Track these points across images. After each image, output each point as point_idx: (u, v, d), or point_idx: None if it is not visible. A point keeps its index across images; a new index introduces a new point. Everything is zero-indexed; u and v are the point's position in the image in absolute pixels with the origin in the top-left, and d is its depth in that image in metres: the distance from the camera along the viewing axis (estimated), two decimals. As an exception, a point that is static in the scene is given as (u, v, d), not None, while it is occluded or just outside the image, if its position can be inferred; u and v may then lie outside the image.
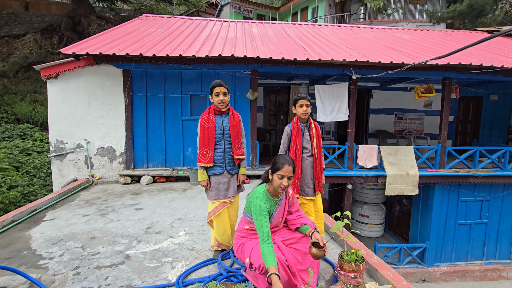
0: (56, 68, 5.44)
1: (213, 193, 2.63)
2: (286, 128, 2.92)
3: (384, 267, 2.38)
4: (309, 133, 2.86)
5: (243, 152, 2.72)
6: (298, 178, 2.76)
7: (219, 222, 2.63)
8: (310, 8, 18.71)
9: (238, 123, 2.71)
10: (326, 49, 6.23)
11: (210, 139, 2.57)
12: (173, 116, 6.00)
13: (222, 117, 2.66)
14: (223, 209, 2.63)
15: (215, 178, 2.63)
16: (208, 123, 2.58)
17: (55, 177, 5.75)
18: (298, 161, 2.77)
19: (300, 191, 2.83)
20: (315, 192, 2.88)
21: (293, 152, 2.79)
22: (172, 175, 5.75)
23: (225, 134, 2.64)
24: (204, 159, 2.57)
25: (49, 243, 3.05)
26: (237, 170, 2.73)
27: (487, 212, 6.93)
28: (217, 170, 2.62)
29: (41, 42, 13.03)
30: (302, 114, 2.77)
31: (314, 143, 2.84)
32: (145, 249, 2.90)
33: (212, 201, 2.64)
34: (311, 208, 2.90)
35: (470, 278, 6.92)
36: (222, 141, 2.63)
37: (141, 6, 16.33)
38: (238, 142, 2.68)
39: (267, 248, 1.89)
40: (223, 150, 2.63)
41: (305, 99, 2.75)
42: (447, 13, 13.97)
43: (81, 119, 5.72)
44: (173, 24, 7.86)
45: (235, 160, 2.67)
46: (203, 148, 2.58)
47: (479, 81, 8.05)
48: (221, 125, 2.63)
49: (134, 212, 4.00)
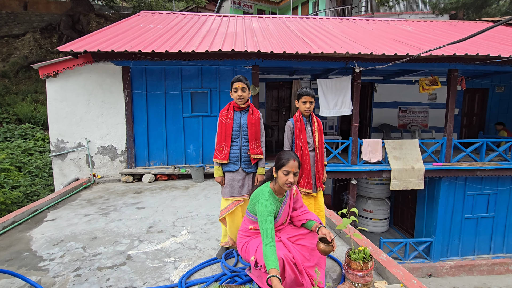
0: (54, 67, 5.37)
1: (227, 190, 2.59)
2: (288, 123, 2.83)
3: (393, 264, 2.31)
4: (311, 128, 2.78)
5: (261, 152, 2.63)
6: (307, 172, 2.68)
7: (232, 220, 2.59)
8: (311, 2, 18.45)
9: (257, 121, 2.62)
10: (329, 42, 6.10)
11: (227, 136, 2.54)
12: (174, 113, 5.92)
13: (241, 114, 2.60)
14: (237, 207, 2.58)
15: (230, 175, 2.59)
16: (226, 119, 2.54)
17: (57, 177, 5.71)
18: (306, 155, 2.68)
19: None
20: (317, 188, 2.81)
21: (299, 147, 2.70)
22: (174, 173, 5.69)
23: (243, 131, 2.58)
24: (220, 155, 2.55)
25: (50, 244, 3.01)
26: (253, 169, 2.66)
27: (494, 206, 6.82)
28: (232, 167, 2.58)
29: (40, 41, 12.97)
30: (305, 111, 2.69)
31: (316, 138, 2.76)
32: (147, 249, 2.85)
33: (226, 198, 2.60)
34: (311, 205, 2.80)
35: (477, 272, 6.84)
36: (239, 138, 2.58)
37: (140, 3, 16.17)
38: (256, 141, 2.60)
39: (270, 250, 1.81)
40: (239, 148, 2.58)
41: (309, 95, 2.65)
42: (450, 4, 13.69)
43: (81, 118, 5.67)
44: (172, 20, 7.74)
45: (252, 159, 2.60)
46: (220, 144, 2.56)
47: (484, 73, 7.88)
48: (239, 122, 2.57)
49: (136, 211, 3.95)
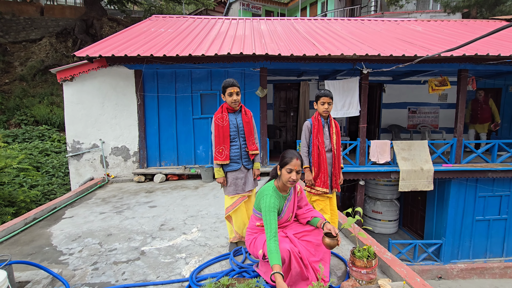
0: (71, 71, 5.62)
1: (231, 189, 2.70)
2: (306, 123, 2.92)
3: (397, 263, 2.36)
4: (329, 129, 2.87)
5: (256, 147, 2.80)
6: (324, 172, 2.77)
7: (238, 216, 2.71)
8: (319, 3, 18.44)
9: (251, 119, 2.78)
10: (336, 43, 6.14)
11: (225, 137, 2.63)
12: (184, 115, 6.08)
13: (235, 115, 2.72)
14: (241, 203, 2.70)
15: (232, 174, 2.70)
16: (222, 121, 2.64)
17: (73, 176, 5.95)
18: (322, 155, 2.77)
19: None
20: (332, 190, 2.88)
21: (316, 147, 2.79)
22: (184, 173, 5.84)
23: (240, 131, 2.71)
24: (221, 157, 2.64)
25: (69, 240, 3.18)
26: (252, 165, 2.82)
27: (507, 208, 6.69)
28: (234, 166, 2.69)
29: (56, 45, 13.44)
30: (324, 111, 2.80)
31: (334, 139, 2.85)
32: (160, 246, 2.98)
33: (231, 196, 2.71)
34: (327, 206, 2.88)
35: (489, 276, 6.73)
36: (237, 138, 2.70)
37: (151, 7, 16.56)
38: (251, 138, 2.75)
39: (274, 244, 1.91)
40: (239, 147, 2.70)
41: (327, 97, 2.76)
42: (463, 2, 13.46)
43: (96, 119, 5.89)
44: (182, 24, 7.93)
45: (250, 155, 2.75)
46: (219, 146, 2.64)
47: (497, 72, 7.74)
48: (235, 123, 2.70)
49: (148, 210, 4.11)
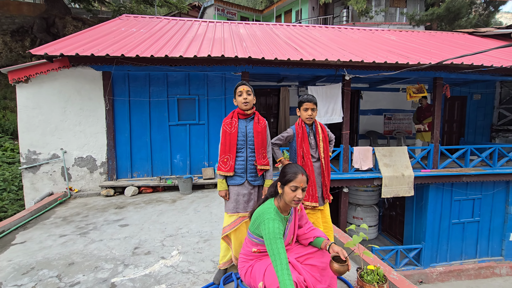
0: (26, 71, 4.92)
1: (232, 206, 2.37)
2: (288, 129, 2.67)
3: (406, 284, 2.16)
4: (315, 137, 2.63)
5: (268, 162, 2.42)
6: (312, 184, 2.51)
7: (237, 237, 2.36)
8: (294, 11, 18.73)
9: (264, 129, 2.42)
10: (318, 49, 6.06)
11: (231, 146, 2.33)
12: (159, 121, 5.60)
13: (246, 122, 2.40)
14: (242, 223, 2.35)
15: (235, 188, 2.37)
16: (230, 128, 2.34)
17: (27, 192, 5.18)
18: (308, 166, 2.51)
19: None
20: (324, 200, 2.64)
21: (301, 157, 2.53)
22: (160, 185, 5.34)
23: (248, 141, 2.37)
24: (224, 167, 2.33)
25: (18, 273, 2.61)
26: (260, 181, 2.44)
27: (479, 210, 6.98)
28: (237, 180, 2.36)
29: (11, 44, 12.16)
30: (307, 119, 2.55)
31: (321, 147, 2.60)
32: (134, 275, 2.53)
33: (230, 214, 2.36)
34: (319, 219, 2.64)
35: (465, 277, 6.93)
36: (245, 149, 2.37)
37: (120, 8, 15.67)
38: (263, 151, 2.39)
39: (288, 278, 1.58)
40: (245, 159, 2.37)
41: (311, 102, 2.50)
42: (426, 16, 14.37)
43: (56, 126, 5.21)
44: (156, 25, 7.45)
45: (258, 170, 2.39)
46: (224, 155, 2.34)
47: (464, 81, 8.19)
48: (244, 131, 2.37)
49: (118, 230, 3.59)
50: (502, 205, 7.04)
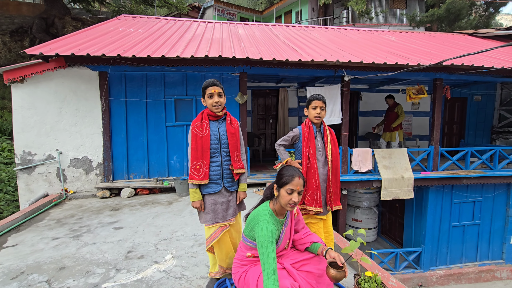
0: (21, 71, 4.87)
1: (209, 217, 2.17)
2: (294, 129, 2.52)
3: (405, 291, 2.09)
4: (323, 139, 2.46)
5: (243, 165, 2.27)
6: (316, 188, 2.34)
7: (221, 247, 2.23)
8: (294, 12, 18.70)
9: (237, 130, 2.27)
10: (317, 50, 6.00)
11: (204, 151, 2.12)
12: (156, 122, 5.54)
13: (218, 124, 2.22)
14: (223, 232, 2.20)
15: (211, 197, 2.18)
16: (201, 131, 2.13)
17: (22, 193, 5.12)
18: (314, 168, 2.35)
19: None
20: (327, 208, 2.45)
21: (306, 158, 2.37)
22: (156, 187, 5.28)
23: (222, 144, 2.19)
24: (198, 175, 2.11)
25: (7, 278, 2.55)
26: (236, 186, 2.30)
27: (479, 213, 6.90)
28: (214, 188, 2.17)
29: (10, 45, 12.13)
30: (315, 117, 2.39)
31: (329, 149, 2.43)
32: (125, 280, 2.47)
33: (209, 226, 2.20)
34: (320, 229, 2.46)
35: (465, 281, 6.85)
36: (219, 153, 2.19)
37: (119, 8, 15.64)
38: (237, 153, 2.23)
39: (273, 285, 1.53)
40: (220, 164, 2.18)
41: (320, 101, 2.37)
42: (426, 17, 14.33)
43: (52, 127, 5.16)
44: (154, 25, 7.40)
45: (234, 175, 2.23)
46: (196, 162, 2.12)
47: (464, 82, 8.12)
48: (217, 134, 2.18)
49: (112, 232, 3.53)
50: (503, 207, 6.96)
